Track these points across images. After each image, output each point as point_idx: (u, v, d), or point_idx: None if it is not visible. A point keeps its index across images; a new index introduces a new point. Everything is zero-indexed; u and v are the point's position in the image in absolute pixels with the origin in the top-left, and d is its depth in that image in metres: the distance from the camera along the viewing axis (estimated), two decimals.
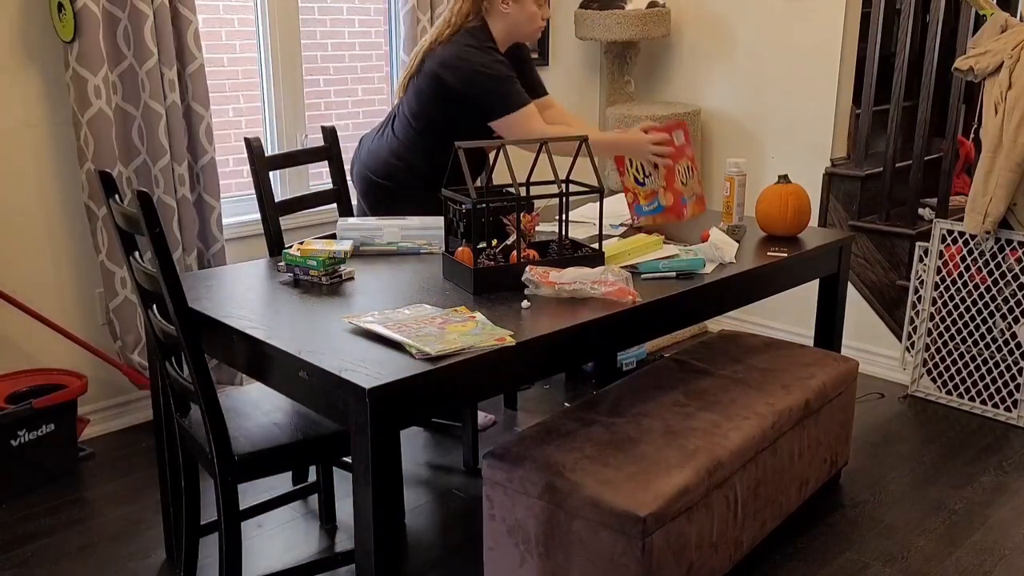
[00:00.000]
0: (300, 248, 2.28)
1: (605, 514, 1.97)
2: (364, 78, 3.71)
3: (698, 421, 2.32)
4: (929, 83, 3.58)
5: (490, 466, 2.17)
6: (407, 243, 2.58)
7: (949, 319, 3.54)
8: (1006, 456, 3.16)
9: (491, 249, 2.31)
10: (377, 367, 1.76)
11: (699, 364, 2.72)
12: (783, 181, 2.83)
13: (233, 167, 3.39)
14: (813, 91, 3.89)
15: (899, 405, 3.57)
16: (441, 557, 2.57)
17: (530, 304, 2.13)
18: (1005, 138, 3.14)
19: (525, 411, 3.48)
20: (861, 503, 2.86)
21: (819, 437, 2.67)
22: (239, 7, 3.27)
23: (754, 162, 4.09)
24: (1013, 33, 3.19)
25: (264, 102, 3.43)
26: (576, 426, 2.29)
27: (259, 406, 2.27)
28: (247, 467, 2.04)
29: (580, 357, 2.19)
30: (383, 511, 1.76)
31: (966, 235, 3.44)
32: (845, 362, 2.80)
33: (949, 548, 2.62)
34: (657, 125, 2.80)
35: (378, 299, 2.17)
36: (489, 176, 2.45)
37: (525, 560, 2.15)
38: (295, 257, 2.27)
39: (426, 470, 3.05)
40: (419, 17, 3.54)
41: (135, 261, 2.03)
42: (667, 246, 2.57)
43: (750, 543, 2.41)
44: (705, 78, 4.26)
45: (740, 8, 4.06)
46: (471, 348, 1.84)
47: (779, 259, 2.60)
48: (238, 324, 2.00)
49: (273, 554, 2.58)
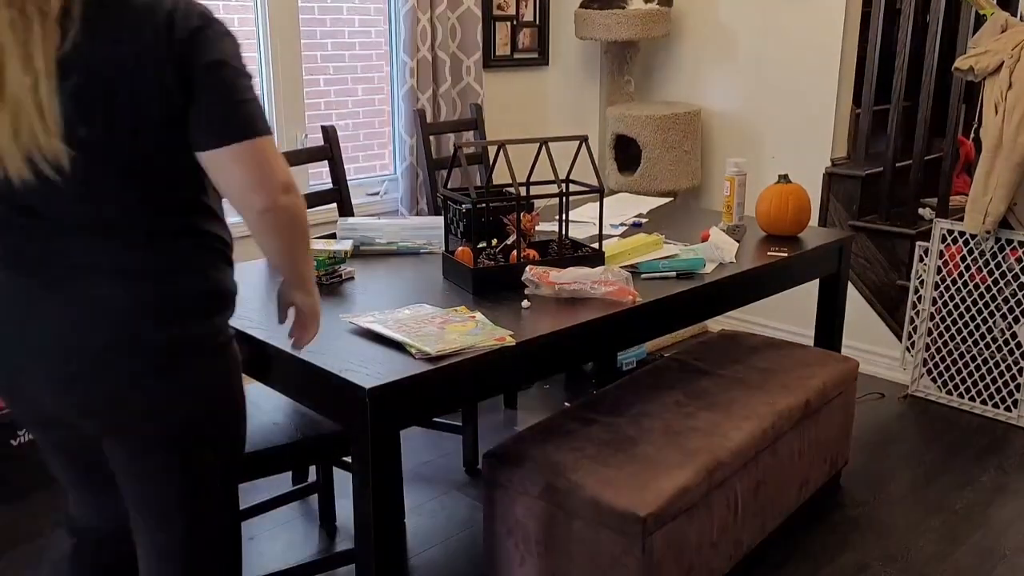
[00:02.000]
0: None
1: (605, 514, 1.97)
2: (364, 78, 3.70)
3: (698, 421, 2.32)
4: (929, 83, 3.58)
5: (490, 466, 2.16)
6: (407, 243, 2.58)
7: (949, 319, 3.54)
8: (1006, 456, 3.16)
9: (491, 249, 2.31)
10: (377, 367, 1.76)
11: (699, 364, 2.71)
12: (783, 181, 2.83)
13: None
14: (813, 91, 3.89)
15: (899, 405, 3.57)
16: (441, 557, 2.57)
17: (530, 304, 2.12)
18: (1005, 138, 3.14)
19: (525, 411, 3.48)
20: (861, 503, 2.86)
21: (819, 437, 2.67)
22: (239, 7, 3.27)
23: (754, 162, 4.09)
24: (1013, 33, 3.19)
25: (264, 102, 3.42)
26: (576, 426, 2.28)
27: (259, 406, 2.27)
28: (247, 467, 2.04)
29: (580, 357, 2.19)
30: (383, 511, 1.76)
31: (966, 235, 3.44)
32: (845, 362, 2.80)
33: (949, 548, 2.62)
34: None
35: (378, 299, 2.17)
36: (489, 176, 2.45)
37: (525, 560, 2.14)
38: None
39: (426, 470, 3.05)
40: (419, 17, 3.54)
41: None
42: (667, 246, 2.57)
43: (750, 543, 2.41)
44: (705, 78, 4.26)
45: (740, 8, 4.06)
46: (471, 348, 1.84)
47: (779, 259, 2.60)
48: (238, 324, 2.00)
49: (273, 554, 2.57)
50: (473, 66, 3.76)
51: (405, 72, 3.57)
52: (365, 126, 3.76)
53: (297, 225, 1.48)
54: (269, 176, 1.41)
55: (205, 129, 1.39)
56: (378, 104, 3.77)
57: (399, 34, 3.60)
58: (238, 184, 1.41)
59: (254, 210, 1.42)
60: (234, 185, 1.41)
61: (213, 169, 1.42)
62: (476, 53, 3.75)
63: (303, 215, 1.49)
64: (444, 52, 3.66)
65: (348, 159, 3.57)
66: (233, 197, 1.43)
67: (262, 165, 1.40)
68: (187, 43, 1.35)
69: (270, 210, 1.42)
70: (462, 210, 2.29)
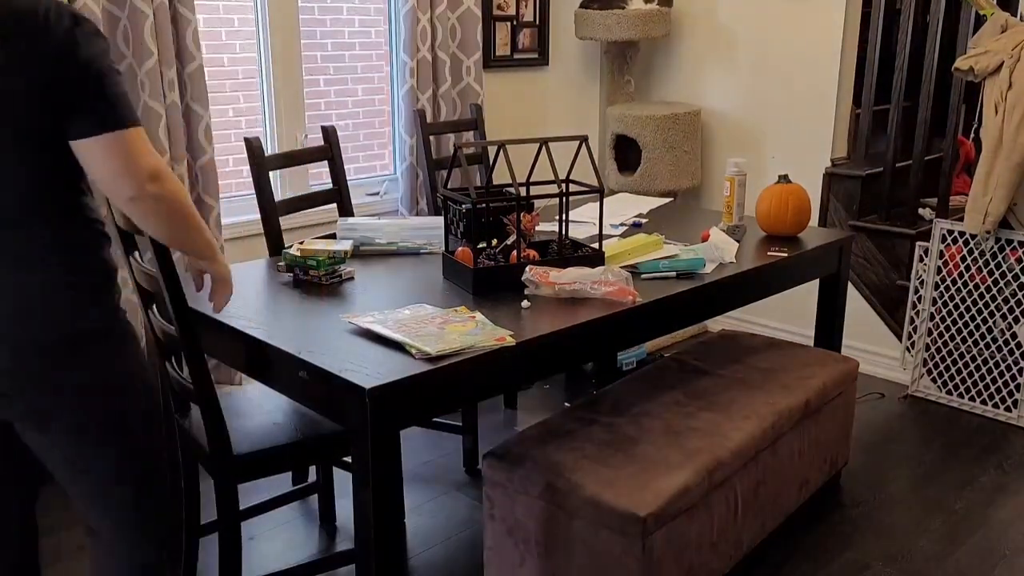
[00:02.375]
0: (301, 248, 2.28)
1: (605, 514, 1.97)
2: (364, 78, 3.71)
3: (698, 421, 2.32)
4: (929, 83, 3.58)
5: (490, 466, 2.16)
6: (407, 243, 2.58)
7: (949, 319, 3.54)
8: (1006, 456, 3.16)
9: (491, 249, 2.31)
10: (377, 367, 1.76)
11: (699, 364, 2.71)
12: (783, 181, 2.83)
13: (233, 167, 3.39)
14: (813, 91, 3.89)
15: (899, 405, 3.57)
16: (441, 557, 2.57)
17: (530, 304, 2.12)
18: (1005, 138, 3.14)
19: (525, 411, 3.48)
20: (861, 503, 2.86)
21: (819, 437, 2.67)
22: (239, 7, 3.27)
23: (754, 162, 4.09)
24: (1013, 33, 3.19)
25: (264, 102, 3.43)
26: (576, 426, 2.28)
27: (259, 406, 2.27)
28: (247, 467, 2.04)
29: (580, 357, 2.19)
30: (383, 511, 1.76)
31: (966, 235, 3.44)
32: (845, 362, 2.80)
33: (949, 548, 2.62)
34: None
35: (378, 299, 2.17)
36: (489, 176, 2.45)
37: (525, 560, 2.14)
38: (295, 257, 2.27)
39: (426, 470, 3.05)
40: (419, 17, 3.54)
41: (135, 261, 2.03)
42: (667, 246, 2.57)
43: (750, 543, 2.41)
44: (705, 78, 4.26)
45: (740, 8, 4.06)
46: (471, 348, 1.84)
47: (779, 259, 2.60)
48: (238, 324, 2.00)
49: (273, 554, 2.57)
50: (473, 66, 3.76)
51: (405, 72, 3.57)
52: (365, 126, 3.76)
53: (175, 211, 1.57)
54: (135, 165, 1.50)
55: (77, 121, 1.47)
56: (378, 104, 3.78)
57: (399, 34, 3.60)
58: (107, 173, 1.50)
59: (123, 198, 1.51)
60: (104, 173, 1.50)
61: (84, 159, 1.51)
62: (476, 53, 3.75)
63: (178, 199, 1.57)
64: (444, 52, 3.66)
65: (348, 159, 3.57)
66: (104, 185, 1.52)
67: (129, 154, 1.49)
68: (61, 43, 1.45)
69: (139, 198, 1.51)
70: (462, 210, 2.29)
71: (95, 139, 1.48)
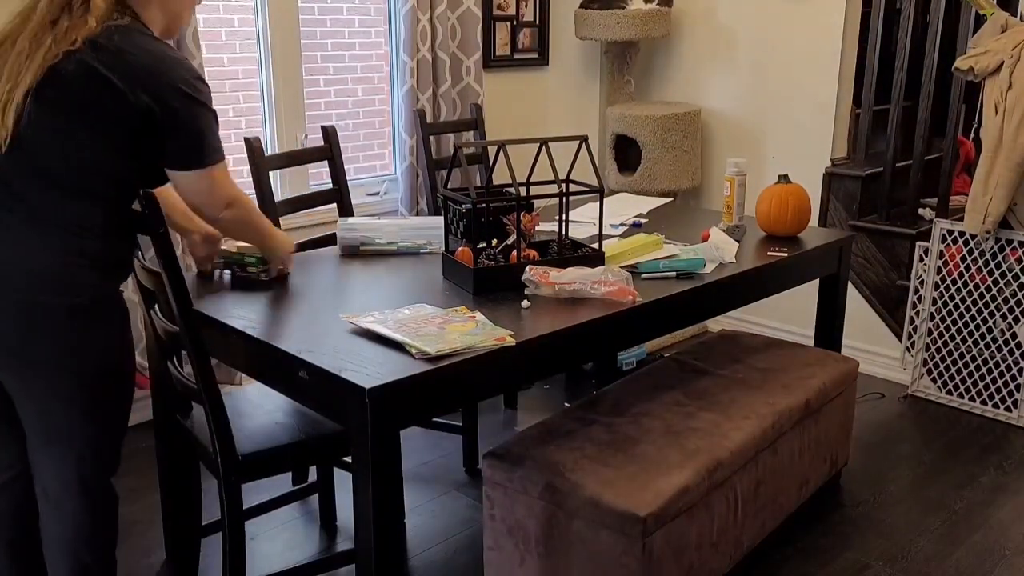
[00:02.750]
0: (238, 247, 2.29)
1: (605, 514, 1.97)
2: (364, 78, 3.71)
3: (698, 421, 2.32)
4: (929, 83, 3.58)
5: (490, 466, 2.17)
6: (407, 243, 2.58)
7: (949, 319, 3.54)
8: (1006, 456, 3.16)
9: (491, 249, 2.31)
10: (377, 367, 1.76)
11: (699, 364, 2.71)
12: (783, 181, 2.83)
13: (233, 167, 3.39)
14: (813, 91, 3.89)
15: (899, 405, 3.57)
16: (441, 557, 2.57)
17: (530, 304, 2.12)
18: (1005, 138, 3.14)
19: (525, 411, 3.48)
20: (861, 503, 2.86)
21: (819, 437, 2.67)
22: (239, 7, 3.27)
23: (754, 162, 4.09)
24: (1013, 33, 3.19)
25: (264, 102, 3.43)
26: (576, 426, 2.29)
27: (261, 406, 2.27)
28: (252, 467, 2.04)
29: (580, 357, 2.19)
30: (383, 511, 1.76)
31: (966, 235, 3.44)
32: (845, 362, 2.80)
33: (949, 548, 2.62)
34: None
35: (378, 299, 2.17)
36: (489, 176, 2.45)
37: (525, 560, 2.15)
38: (232, 255, 2.29)
39: (426, 470, 3.05)
40: (419, 17, 3.54)
41: (138, 260, 2.03)
42: (667, 246, 2.57)
43: (750, 543, 2.41)
44: (705, 78, 4.26)
45: (740, 8, 4.06)
46: (471, 348, 1.84)
47: (779, 259, 2.60)
48: (238, 324, 2.00)
49: (273, 554, 2.57)
50: (473, 66, 3.76)
51: (405, 72, 3.58)
52: (365, 126, 3.76)
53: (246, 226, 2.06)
54: (216, 196, 1.89)
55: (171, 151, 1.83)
56: (378, 104, 3.78)
57: (399, 34, 3.60)
58: (194, 198, 1.90)
59: (206, 217, 1.96)
60: (191, 199, 1.90)
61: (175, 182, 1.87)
62: (476, 53, 3.76)
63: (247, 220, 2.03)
64: (444, 52, 3.66)
65: (348, 159, 3.57)
66: (191, 205, 1.93)
67: (212, 188, 1.88)
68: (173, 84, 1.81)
69: (217, 219, 1.95)
70: (462, 210, 2.29)
71: (184, 173, 1.84)
